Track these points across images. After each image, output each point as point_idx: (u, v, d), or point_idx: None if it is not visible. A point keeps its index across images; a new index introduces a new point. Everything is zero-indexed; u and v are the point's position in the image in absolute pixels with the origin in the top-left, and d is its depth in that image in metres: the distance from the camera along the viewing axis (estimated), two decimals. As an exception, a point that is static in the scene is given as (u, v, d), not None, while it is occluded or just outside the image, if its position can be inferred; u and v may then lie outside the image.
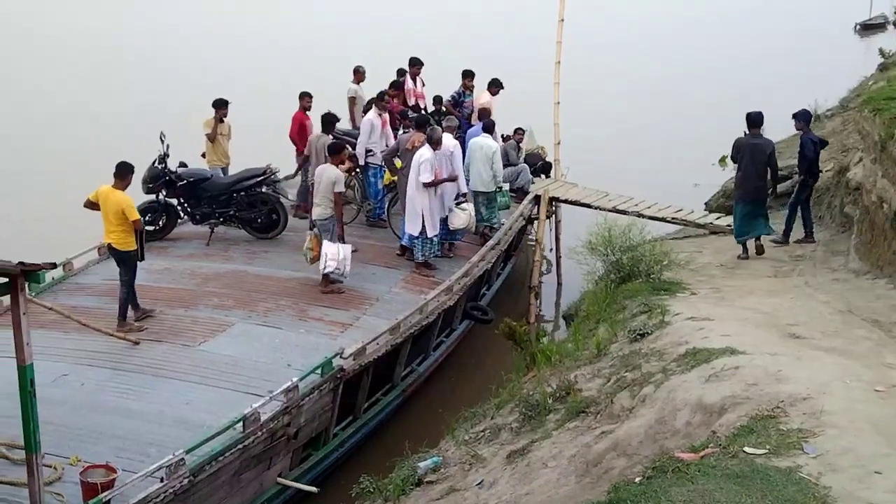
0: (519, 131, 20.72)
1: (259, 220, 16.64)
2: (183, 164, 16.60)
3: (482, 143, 17.27)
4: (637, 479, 6.55)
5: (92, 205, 12.60)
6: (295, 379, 10.54)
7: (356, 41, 41.55)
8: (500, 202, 17.89)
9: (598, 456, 8.06)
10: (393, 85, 19.32)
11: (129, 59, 41.29)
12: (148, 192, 16.34)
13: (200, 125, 17.70)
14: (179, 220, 16.93)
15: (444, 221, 16.32)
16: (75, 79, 37.01)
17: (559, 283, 20.50)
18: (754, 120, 15.61)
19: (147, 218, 16.34)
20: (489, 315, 16.04)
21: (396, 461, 10.76)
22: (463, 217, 16.43)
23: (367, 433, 12.90)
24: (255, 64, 40.10)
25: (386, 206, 17.67)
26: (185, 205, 16.68)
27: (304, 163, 17.09)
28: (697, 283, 14.02)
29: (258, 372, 11.44)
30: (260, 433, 9.95)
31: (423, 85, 20.44)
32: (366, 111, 18.30)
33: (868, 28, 53.38)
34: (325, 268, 14.12)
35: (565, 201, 20.43)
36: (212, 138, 17.53)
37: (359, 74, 20.16)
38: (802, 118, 16.31)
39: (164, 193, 16.41)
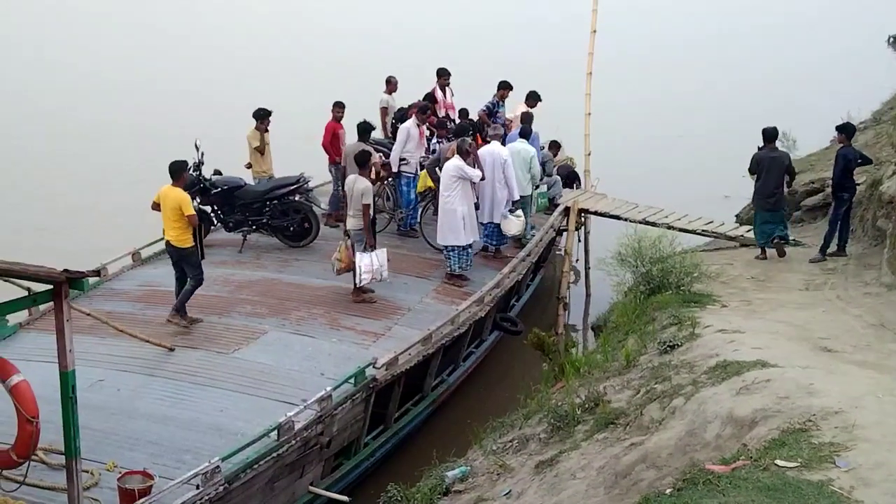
0: (554, 145, 20.80)
1: (291, 229, 16.75)
2: (217, 172, 16.77)
3: (519, 148, 17.52)
4: (667, 491, 6.59)
5: (157, 206, 13.15)
6: (328, 388, 10.60)
7: (388, 50, 41.65)
8: (540, 203, 18.60)
9: (627, 467, 8.06)
10: (428, 97, 19.46)
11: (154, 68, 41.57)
12: None
13: (245, 139, 17.66)
14: (213, 227, 17.07)
15: (498, 227, 16.93)
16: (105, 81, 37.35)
17: (588, 295, 20.53)
18: (770, 135, 16.62)
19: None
20: (519, 326, 16.05)
21: (425, 470, 10.82)
22: (517, 224, 16.95)
23: (397, 442, 12.95)
24: (288, 71, 40.18)
25: (419, 214, 17.80)
26: (219, 212, 16.80)
27: (341, 172, 17.08)
28: (728, 295, 14.03)
29: (291, 380, 11.54)
30: (294, 442, 10.02)
31: (452, 95, 20.46)
32: (399, 119, 18.52)
33: (902, 40, 53.11)
34: (360, 281, 14.21)
35: (595, 213, 20.45)
36: (262, 150, 17.59)
37: (391, 85, 20.31)
38: (845, 131, 16.39)
39: (199, 200, 16.43)
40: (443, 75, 20.18)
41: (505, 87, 20.06)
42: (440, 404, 14.28)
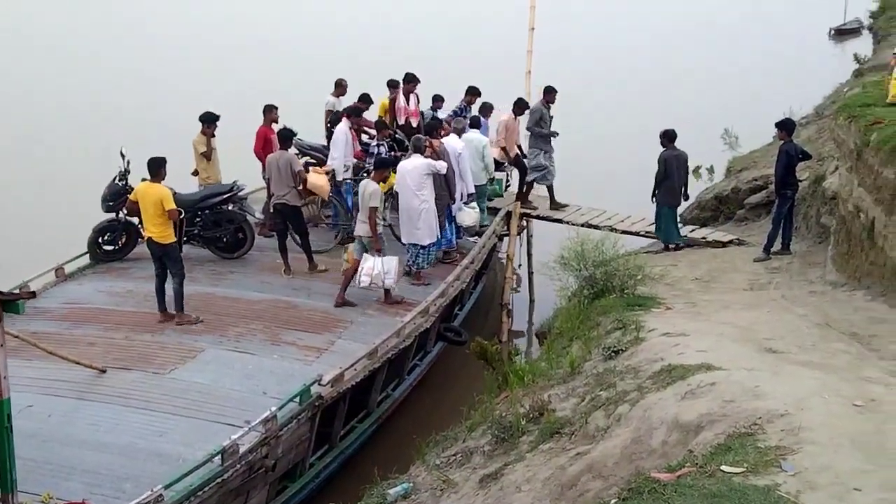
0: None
1: (225, 240, 16.78)
2: (145, 179, 16.64)
3: (472, 138, 18.15)
4: (612, 502, 6.58)
5: (133, 205, 13.69)
6: (273, 408, 10.51)
7: (329, 49, 41.68)
8: (491, 190, 19.44)
9: (572, 478, 8.05)
10: (364, 99, 19.50)
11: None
12: (108, 210, 16.41)
13: (192, 144, 17.79)
14: (140, 240, 16.66)
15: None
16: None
17: (531, 300, 20.71)
18: (671, 136, 17.80)
19: (106, 237, 16.59)
20: (463, 336, 16.16)
21: (367, 489, 10.79)
22: (473, 215, 17.80)
23: (342, 462, 12.92)
24: (221, 72, 39.97)
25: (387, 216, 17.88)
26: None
27: (267, 183, 17.06)
28: (672, 297, 14.20)
29: (233, 401, 11.41)
30: (238, 466, 9.91)
31: (419, 102, 20.58)
32: (333, 123, 18.59)
33: (842, 33, 53.98)
34: (358, 282, 14.56)
35: (536, 216, 20.67)
36: (208, 156, 17.65)
37: (340, 88, 20.37)
38: (785, 128, 16.76)
39: (125, 212, 16.26)
40: (410, 81, 20.20)
41: (473, 92, 20.22)
42: (385, 420, 14.30)
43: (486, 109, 20.11)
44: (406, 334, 13.84)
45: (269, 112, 18.20)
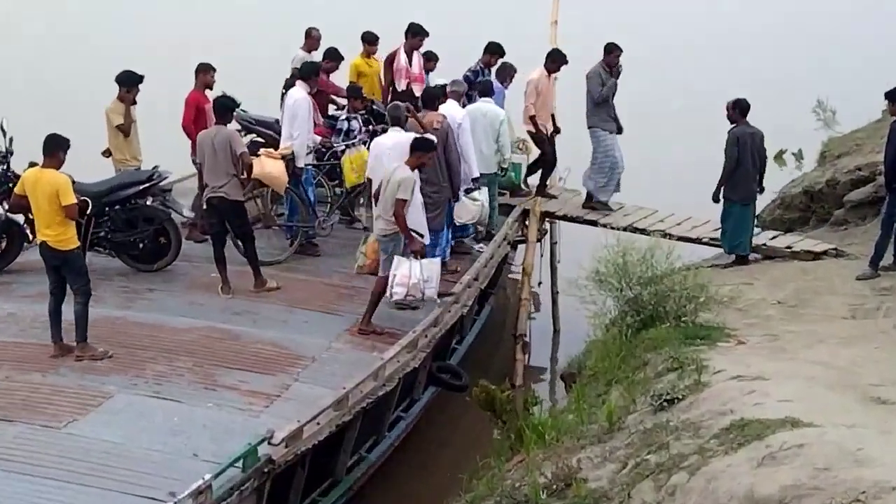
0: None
1: (141, 245, 16.71)
2: (34, 164, 16.59)
3: (485, 110, 18.34)
4: None
5: (21, 200, 13.64)
6: (207, 475, 10.32)
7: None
8: (506, 179, 19.78)
9: None
10: (330, 55, 19.57)
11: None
12: None
13: (104, 114, 17.64)
14: (27, 245, 16.72)
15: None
16: None
17: (556, 330, 20.81)
18: (745, 107, 17.81)
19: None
20: (463, 379, 16.12)
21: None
22: (473, 209, 17.74)
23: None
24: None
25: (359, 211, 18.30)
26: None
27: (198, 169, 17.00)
28: (747, 327, 14.25)
29: (152, 465, 11.21)
30: None
31: (425, 65, 20.70)
32: (287, 87, 18.63)
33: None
34: (391, 295, 14.64)
35: (563, 217, 20.68)
36: (126, 130, 17.55)
37: (311, 39, 20.40)
38: None
39: (5, 206, 16.32)
40: (417, 34, 20.31)
41: (493, 50, 20.33)
42: (358, 491, 14.19)
43: (506, 72, 20.25)
44: (387, 376, 13.68)
45: (204, 73, 18.11)
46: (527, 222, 20.21)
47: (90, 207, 14.81)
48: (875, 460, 7.87)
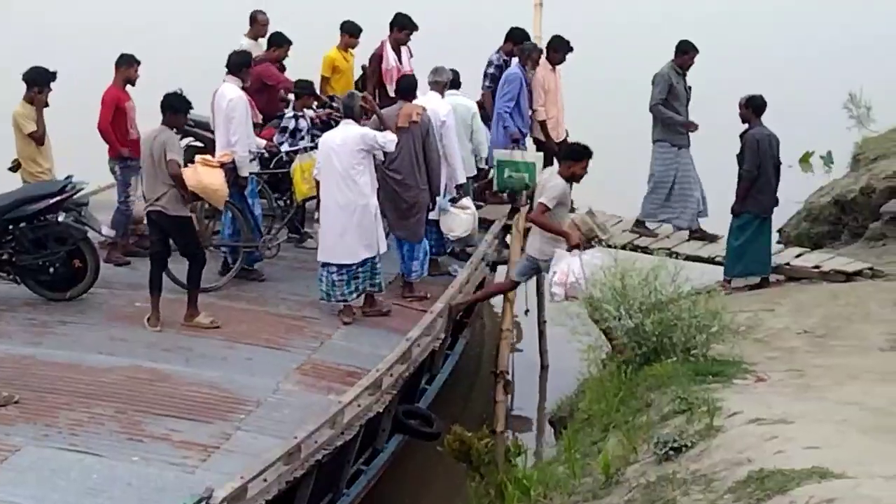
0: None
1: (52, 270, 16.60)
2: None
3: (456, 103, 18.59)
4: None
5: None
6: None
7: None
8: (516, 181, 19.97)
9: None
10: (274, 41, 19.72)
11: None
12: None
13: (12, 118, 17.52)
14: None
15: (436, 226, 17.94)
16: None
17: (543, 367, 20.88)
18: (761, 106, 18.15)
19: None
20: (434, 425, 16.10)
21: None
22: (466, 219, 18.22)
23: None
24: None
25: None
26: None
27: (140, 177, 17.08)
28: (768, 361, 14.36)
29: None
30: None
31: (412, 57, 20.88)
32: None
33: None
34: (552, 297, 15.63)
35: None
36: (40, 137, 17.46)
37: (258, 24, 20.52)
38: None
39: None
40: (404, 27, 20.46)
41: (517, 38, 20.56)
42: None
43: (525, 55, 20.36)
44: (345, 423, 13.64)
45: (126, 67, 18.03)
46: (508, 240, 20.25)
47: None
48: None
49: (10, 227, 16.22)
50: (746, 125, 17.91)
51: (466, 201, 18.48)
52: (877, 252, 19.77)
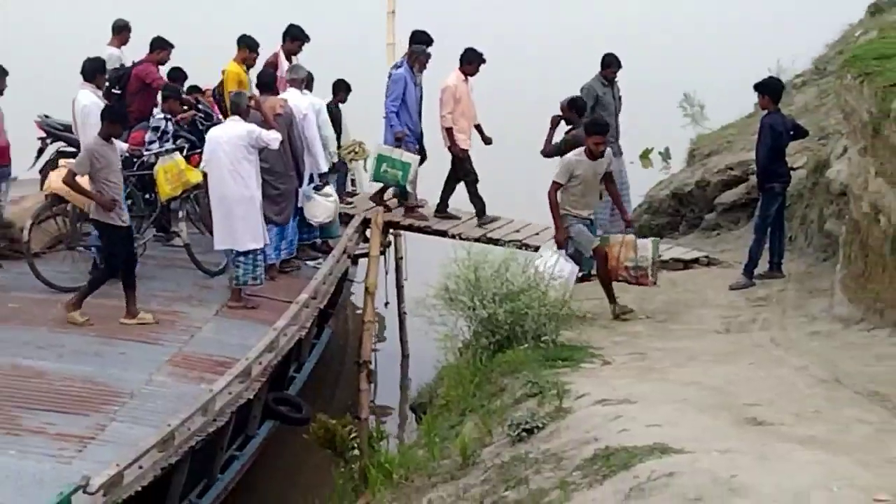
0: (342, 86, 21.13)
1: None
2: None
3: (310, 101, 19.06)
4: None
5: None
6: None
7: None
8: (391, 176, 20.13)
9: None
10: (157, 45, 19.89)
11: None
12: None
13: None
14: None
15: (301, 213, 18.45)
16: None
17: (404, 356, 21.01)
18: (582, 106, 18.38)
19: None
20: (303, 411, 16.17)
21: None
22: (328, 206, 18.80)
23: None
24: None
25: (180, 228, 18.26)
26: None
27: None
28: (613, 345, 14.47)
29: None
30: None
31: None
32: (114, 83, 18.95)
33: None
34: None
35: (409, 228, 20.78)
36: None
37: (120, 34, 20.43)
38: (768, 91, 17.08)
39: None
40: (296, 38, 20.37)
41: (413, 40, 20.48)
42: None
43: (414, 56, 20.34)
44: (217, 410, 13.59)
45: None
46: (368, 233, 20.26)
47: None
48: (751, 488, 7.91)
49: None
50: (570, 126, 18.04)
51: (329, 189, 19.03)
52: (712, 241, 19.99)
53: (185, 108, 19.68)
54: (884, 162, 14.03)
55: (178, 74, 19.93)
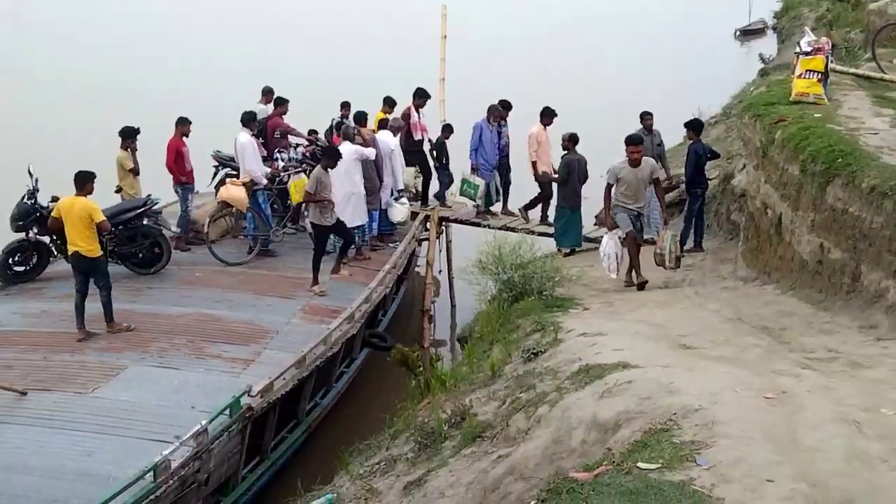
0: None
1: (140, 255, 16.49)
2: (55, 199, 16.24)
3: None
4: (532, 503, 6.63)
5: (56, 222, 13.86)
6: (204, 422, 10.27)
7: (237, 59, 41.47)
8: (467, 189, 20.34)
9: (495, 481, 8.09)
10: (279, 102, 19.95)
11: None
12: (17, 230, 16.09)
13: (116, 160, 17.71)
14: (52, 259, 16.60)
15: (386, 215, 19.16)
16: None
17: (452, 305, 20.91)
18: (575, 139, 18.26)
19: (16, 258, 16.22)
20: (388, 341, 16.24)
21: (291, 501, 10.84)
22: (404, 210, 19.01)
23: (273, 474, 12.83)
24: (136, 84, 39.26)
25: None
26: (59, 242, 16.14)
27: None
28: (590, 297, 14.39)
29: (160, 416, 11.17)
30: (171, 482, 9.66)
31: (423, 116, 20.75)
32: (261, 131, 18.95)
33: (748, 34, 54.79)
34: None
35: (455, 221, 20.88)
36: (136, 171, 17.64)
37: (267, 96, 20.66)
38: (693, 128, 17.22)
39: (36, 231, 16.12)
40: (421, 96, 20.34)
41: (501, 106, 20.30)
42: (315, 429, 14.28)
43: (493, 112, 20.17)
44: (333, 341, 13.83)
45: (182, 125, 17.91)
46: (428, 225, 20.41)
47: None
48: (682, 390, 7.95)
49: (113, 229, 15.86)
50: (566, 152, 18.17)
51: (404, 199, 19.17)
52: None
53: (309, 143, 19.90)
54: (770, 174, 14.00)
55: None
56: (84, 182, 13.58)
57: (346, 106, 20.89)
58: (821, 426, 7.18)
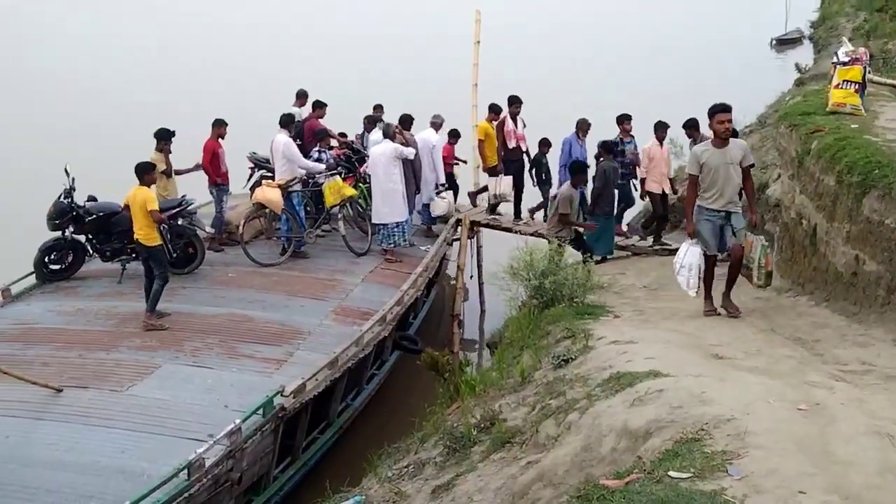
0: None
1: (174, 255, 16.49)
2: (92, 198, 16.51)
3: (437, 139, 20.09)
4: None
5: (125, 210, 14.36)
6: (238, 420, 10.41)
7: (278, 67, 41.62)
8: None
9: (524, 487, 8.06)
10: (317, 105, 20.22)
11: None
12: (54, 228, 16.21)
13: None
14: (87, 257, 16.75)
15: (427, 208, 19.99)
16: None
17: (482, 310, 20.92)
18: (610, 147, 18.46)
19: (52, 256, 16.34)
20: (419, 344, 16.32)
21: (318, 502, 10.89)
22: (444, 205, 19.58)
23: (304, 474, 12.93)
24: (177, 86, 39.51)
25: (341, 226, 18.39)
26: (94, 241, 16.50)
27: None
28: (621, 305, 14.33)
29: (194, 415, 11.29)
30: (205, 480, 9.77)
31: (524, 126, 20.66)
32: (297, 134, 19.06)
33: (784, 43, 54.21)
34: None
35: (486, 226, 20.86)
36: (169, 173, 17.71)
37: (301, 99, 20.88)
38: (694, 126, 17.88)
39: (72, 230, 16.27)
40: (514, 103, 20.35)
41: (625, 120, 19.88)
42: (345, 430, 14.39)
43: (581, 126, 20.11)
44: (365, 343, 13.96)
45: (218, 127, 18.14)
46: (459, 229, 20.45)
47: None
48: (714, 400, 7.90)
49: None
50: (600, 159, 18.34)
51: (445, 193, 19.80)
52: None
53: (342, 146, 20.03)
54: (805, 184, 13.91)
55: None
56: (142, 173, 14.18)
57: (378, 108, 21.05)
58: (854, 439, 7.12)
